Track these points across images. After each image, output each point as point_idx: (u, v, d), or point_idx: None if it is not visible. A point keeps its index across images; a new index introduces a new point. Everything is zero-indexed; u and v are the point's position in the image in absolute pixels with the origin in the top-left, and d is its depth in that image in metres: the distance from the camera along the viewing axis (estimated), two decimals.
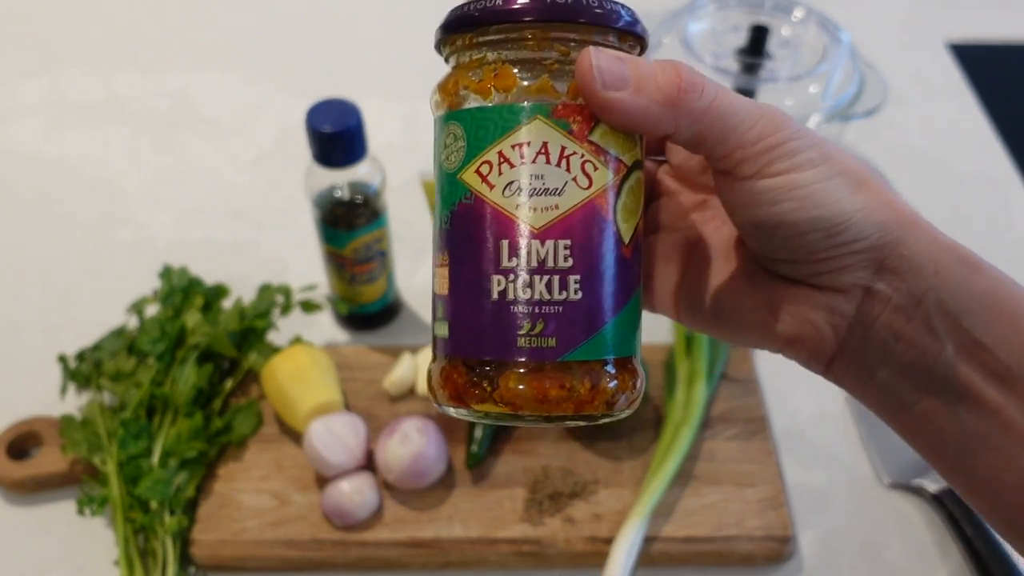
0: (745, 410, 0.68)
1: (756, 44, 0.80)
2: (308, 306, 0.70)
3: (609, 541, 0.60)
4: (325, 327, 0.76)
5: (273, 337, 0.71)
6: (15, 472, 0.63)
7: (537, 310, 0.30)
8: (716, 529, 0.61)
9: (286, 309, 0.70)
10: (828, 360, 0.32)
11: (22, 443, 0.66)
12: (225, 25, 1.12)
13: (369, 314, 0.74)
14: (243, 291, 0.73)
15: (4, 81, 1.02)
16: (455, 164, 0.31)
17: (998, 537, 0.59)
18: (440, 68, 0.34)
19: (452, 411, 0.32)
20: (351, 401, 0.68)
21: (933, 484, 0.64)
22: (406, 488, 0.62)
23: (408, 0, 1.14)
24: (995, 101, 1.00)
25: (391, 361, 0.70)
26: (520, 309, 0.30)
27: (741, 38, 0.81)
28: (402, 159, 0.81)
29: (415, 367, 0.69)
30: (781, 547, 0.60)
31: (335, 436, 0.61)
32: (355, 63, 1.04)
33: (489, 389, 0.31)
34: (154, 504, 0.60)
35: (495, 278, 0.30)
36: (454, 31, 0.32)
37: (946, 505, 0.62)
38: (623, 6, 0.31)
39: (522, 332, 0.30)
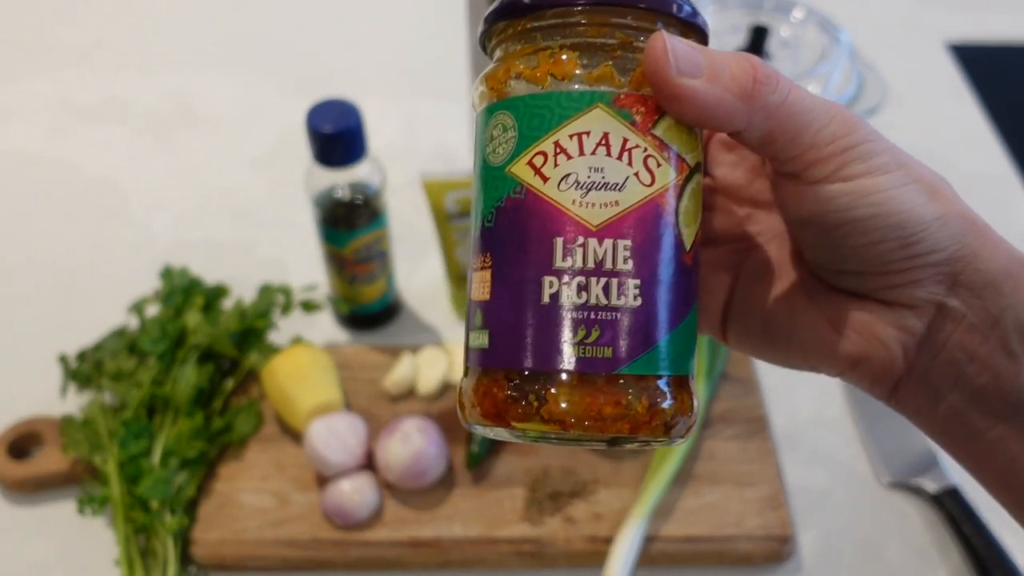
0: (745, 410, 0.68)
1: (756, 44, 0.80)
2: (308, 306, 0.71)
3: (609, 541, 0.60)
4: (325, 327, 0.76)
5: (273, 337, 0.71)
6: (15, 472, 0.63)
7: (592, 316, 0.27)
8: (716, 529, 0.61)
9: (286, 309, 0.71)
10: (894, 383, 0.30)
11: (22, 443, 0.66)
12: (225, 25, 1.12)
13: (369, 314, 0.74)
14: (243, 291, 0.73)
15: (4, 81, 1.03)
16: (503, 156, 0.29)
17: (998, 537, 0.60)
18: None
19: (487, 431, 0.29)
20: (351, 401, 0.68)
21: (932, 484, 0.64)
22: (406, 488, 0.62)
23: (408, 0, 1.14)
24: (995, 101, 1.00)
25: (391, 361, 0.70)
26: (574, 314, 0.27)
27: (741, 38, 0.82)
28: (402, 159, 0.81)
29: (415, 367, 0.69)
30: (781, 547, 0.60)
31: (335, 436, 0.61)
32: (355, 63, 1.04)
33: (536, 404, 0.28)
34: (155, 504, 0.60)
35: (547, 279, 0.28)
36: (507, 17, 0.29)
37: (945, 505, 0.62)
38: None
39: (576, 340, 0.27)
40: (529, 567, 0.61)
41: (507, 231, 0.29)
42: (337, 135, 0.61)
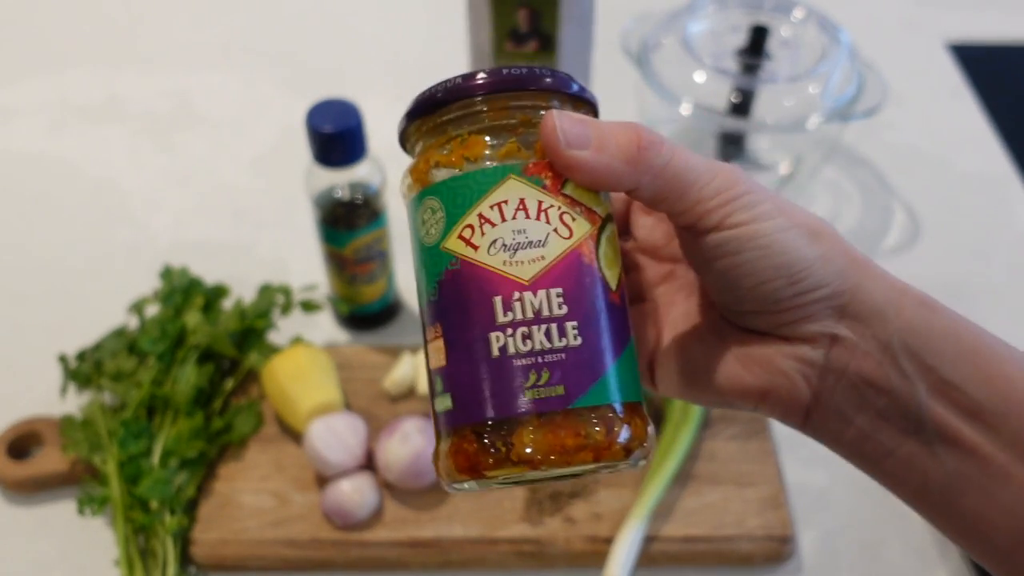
0: None
1: (756, 44, 0.80)
2: (308, 306, 0.71)
3: (609, 541, 0.60)
4: (325, 327, 0.76)
5: (273, 337, 0.71)
6: (15, 472, 0.63)
7: (540, 360, 0.30)
8: (716, 529, 0.61)
9: (286, 309, 0.71)
10: (804, 412, 0.32)
11: (22, 443, 0.66)
12: (225, 25, 1.12)
13: (369, 314, 0.74)
14: (243, 291, 0.73)
15: (4, 81, 1.03)
16: (436, 236, 0.32)
17: None
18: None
19: (466, 486, 0.32)
20: (351, 401, 0.68)
21: None
22: (406, 488, 0.62)
23: (408, 0, 1.14)
24: (995, 101, 1.00)
25: (391, 361, 0.70)
26: (523, 361, 0.30)
27: (741, 38, 0.81)
28: (402, 159, 0.80)
29: (415, 367, 0.69)
30: (781, 547, 0.60)
31: (335, 436, 0.61)
32: (355, 63, 1.04)
33: (504, 450, 0.30)
34: (154, 504, 0.60)
35: (493, 335, 0.30)
36: (419, 115, 0.33)
37: None
38: (571, 76, 0.33)
39: (528, 384, 0.30)
40: (529, 567, 0.61)
41: (450, 300, 0.31)
42: (337, 135, 0.61)
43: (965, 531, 0.31)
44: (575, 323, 0.30)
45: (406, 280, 0.78)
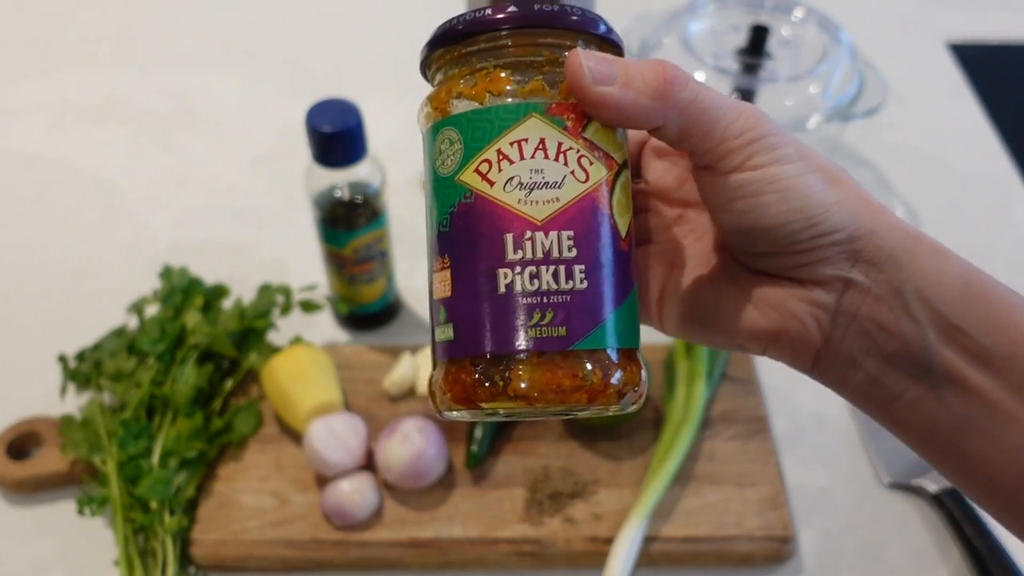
0: (745, 410, 0.68)
1: (756, 44, 0.80)
2: (308, 306, 0.70)
3: (609, 541, 0.60)
4: (325, 327, 0.76)
5: (273, 337, 0.71)
6: (15, 472, 0.63)
7: (545, 300, 0.30)
8: (716, 529, 0.61)
9: (286, 309, 0.70)
10: (814, 356, 0.33)
11: (22, 443, 0.66)
12: (225, 25, 1.12)
13: (369, 314, 0.74)
14: (243, 291, 0.73)
15: (4, 81, 1.03)
16: (452, 167, 0.32)
17: (998, 537, 0.59)
18: None
19: (457, 414, 0.32)
20: (351, 401, 0.68)
21: (933, 484, 0.64)
22: (406, 488, 0.62)
23: (408, 0, 1.14)
24: (995, 101, 1.00)
25: (391, 361, 0.70)
26: (529, 300, 0.30)
27: (741, 38, 0.81)
28: (402, 159, 0.81)
29: (415, 367, 0.69)
30: (781, 547, 0.60)
31: (335, 436, 0.61)
32: (355, 63, 1.04)
33: (502, 384, 0.31)
34: (154, 504, 0.60)
35: (501, 272, 0.31)
36: (443, 44, 0.33)
37: (946, 505, 0.62)
38: (600, 16, 0.33)
39: (532, 323, 0.30)
40: (529, 568, 0.61)
41: (461, 233, 0.32)
42: (337, 135, 0.61)
43: (970, 473, 0.31)
44: (583, 267, 0.31)
45: (406, 280, 0.78)
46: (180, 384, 0.64)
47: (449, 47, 0.33)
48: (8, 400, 0.69)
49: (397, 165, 0.78)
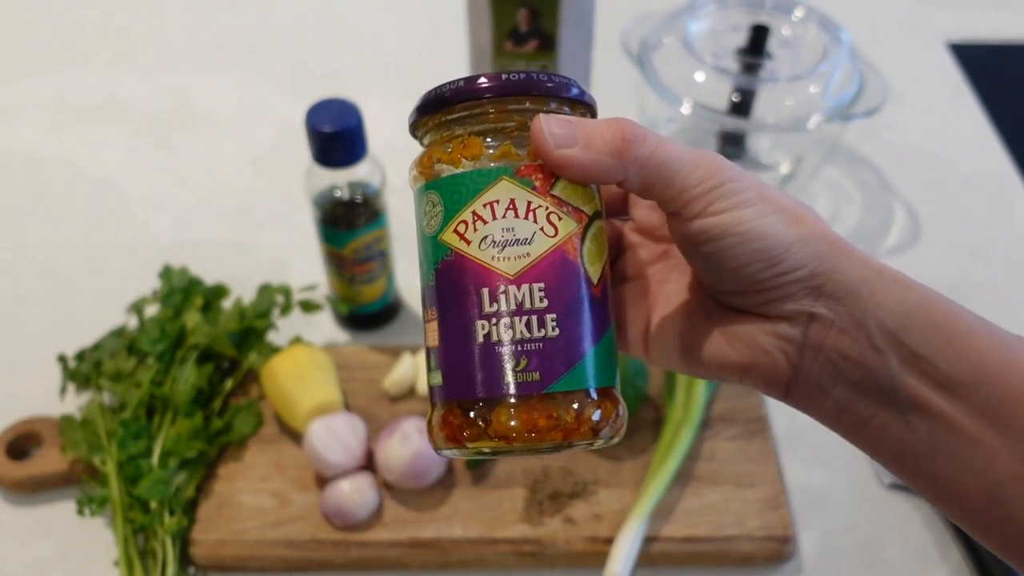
0: (745, 410, 0.68)
1: (756, 44, 0.80)
2: (308, 306, 0.70)
3: (609, 541, 0.60)
4: (325, 327, 0.76)
5: (273, 337, 0.71)
6: (15, 472, 0.63)
7: (520, 348, 0.33)
8: (716, 529, 0.61)
9: (286, 309, 0.70)
10: (785, 385, 0.34)
11: (22, 443, 0.66)
12: (225, 25, 1.12)
13: (369, 314, 0.74)
14: (243, 291, 0.73)
15: (4, 81, 1.03)
16: (435, 228, 0.35)
17: None
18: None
19: (450, 452, 0.35)
20: (351, 401, 0.68)
21: None
22: (406, 488, 0.62)
23: (408, 0, 1.14)
24: (995, 101, 1.00)
25: (391, 361, 0.70)
26: (505, 349, 0.33)
27: (741, 38, 0.81)
28: (402, 159, 0.80)
29: (415, 367, 0.69)
30: (781, 547, 0.60)
31: (335, 436, 0.61)
32: (355, 63, 1.04)
33: (483, 426, 0.33)
34: (154, 504, 0.60)
35: (479, 323, 0.33)
36: (427, 112, 0.35)
37: None
38: (571, 79, 0.35)
39: (509, 369, 0.33)
40: (529, 568, 0.61)
41: (445, 287, 0.34)
42: (337, 135, 0.61)
43: (940, 493, 0.32)
44: (554, 315, 0.33)
45: (406, 280, 0.78)
46: (180, 384, 0.64)
47: (431, 114, 0.35)
48: (8, 400, 0.69)
49: (397, 165, 0.77)
